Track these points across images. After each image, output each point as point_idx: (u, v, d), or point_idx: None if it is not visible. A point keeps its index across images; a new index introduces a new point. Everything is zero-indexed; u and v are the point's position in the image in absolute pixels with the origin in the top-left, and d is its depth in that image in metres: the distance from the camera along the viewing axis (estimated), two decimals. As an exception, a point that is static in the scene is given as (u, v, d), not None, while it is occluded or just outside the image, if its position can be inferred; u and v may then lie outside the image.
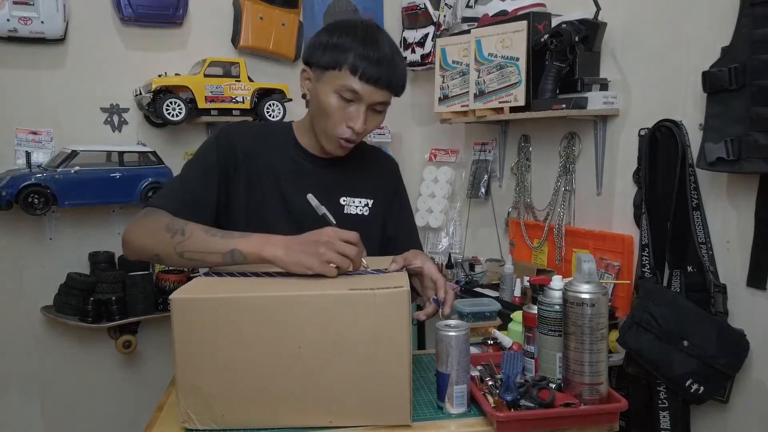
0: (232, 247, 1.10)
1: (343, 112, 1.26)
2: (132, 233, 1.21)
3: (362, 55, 1.22)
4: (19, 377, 2.40)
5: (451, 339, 1.03)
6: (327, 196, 1.31)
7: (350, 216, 1.38)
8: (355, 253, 1.07)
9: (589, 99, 1.95)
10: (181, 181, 1.31)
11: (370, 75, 1.22)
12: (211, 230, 1.15)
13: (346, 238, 1.07)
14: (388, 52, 1.25)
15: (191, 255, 1.13)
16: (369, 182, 1.44)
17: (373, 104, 1.27)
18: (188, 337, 0.97)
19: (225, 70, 2.41)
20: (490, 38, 2.22)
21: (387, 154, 1.58)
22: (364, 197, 1.41)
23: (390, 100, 1.30)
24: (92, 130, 2.40)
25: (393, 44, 1.30)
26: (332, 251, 1.05)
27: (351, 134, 1.27)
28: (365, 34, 1.25)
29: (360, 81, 1.23)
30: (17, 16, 2.16)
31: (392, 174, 1.52)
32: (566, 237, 2.21)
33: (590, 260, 1.02)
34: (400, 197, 1.51)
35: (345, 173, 1.40)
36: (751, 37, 1.50)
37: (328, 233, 1.08)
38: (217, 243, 1.12)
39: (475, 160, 2.68)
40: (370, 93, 1.24)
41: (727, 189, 1.67)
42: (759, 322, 1.60)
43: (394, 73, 1.26)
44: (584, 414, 1.00)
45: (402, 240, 1.45)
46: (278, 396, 0.98)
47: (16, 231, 2.33)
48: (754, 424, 1.63)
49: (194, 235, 1.14)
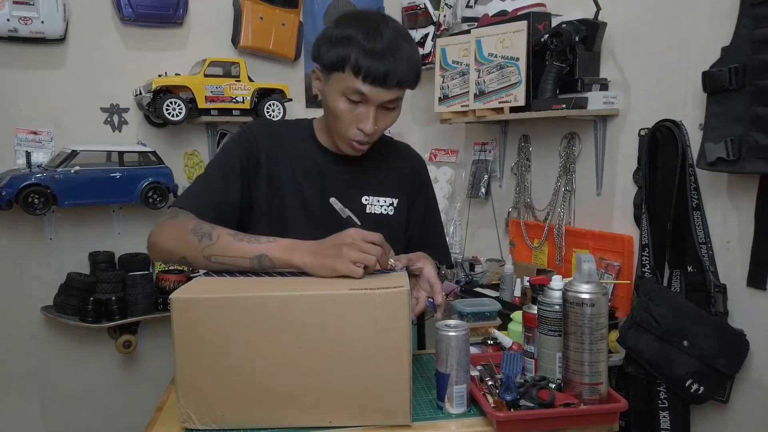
0: (260, 252, 1.10)
1: (353, 114, 1.22)
2: (158, 236, 1.20)
3: (365, 52, 1.15)
4: (19, 377, 2.40)
5: (451, 339, 1.03)
6: (348, 196, 1.31)
7: (374, 216, 1.35)
8: (380, 252, 1.06)
9: (589, 99, 1.95)
10: (205, 181, 1.30)
11: (376, 75, 1.16)
12: (238, 234, 1.15)
13: (369, 239, 1.07)
14: (392, 44, 1.17)
15: (219, 259, 1.13)
16: (394, 181, 1.40)
17: (384, 103, 1.21)
18: (188, 337, 0.97)
19: (225, 70, 2.41)
20: (490, 38, 2.23)
21: (414, 152, 1.52)
22: (389, 196, 1.37)
23: (402, 95, 1.24)
24: (92, 130, 2.41)
25: (400, 32, 1.21)
26: (356, 251, 1.05)
27: (363, 136, 1.23)
28: (367, 28, 1.18)
29: (365, 83, 1.17)
30: (17, 16, 2.16)
31: (419, 173, 1.47)
32: (566, 237, 2.21)
33: (590, 260, 1.02)
34: (425, 196, 1.46)
35: (368, 172, 1.37)
36: (751, 37, 1.50)
37: (351, 234, 1.07)
38: (245, 247, 1.12)
39: (475, 160, 2.68)
40: (377, 94, 1.19)
41: (727, 189, 1.67)
42: (759, 322, 1.60)
43: (401, 67, 1.18)
44: (584, 414, 1.00)
45: (424, 241, 1.41)
46: (278, 396, 0.98)
47: (16, 231, 2.33)
48: (754, 424, 1.63)
49: (221, 239, 1.13)
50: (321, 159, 1.35)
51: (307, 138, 1.37)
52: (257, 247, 1.11)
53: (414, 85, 1.24)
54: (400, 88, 1.21)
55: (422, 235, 1.44)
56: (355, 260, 1.05)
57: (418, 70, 1.24)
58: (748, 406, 1.64)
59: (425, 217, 1.45)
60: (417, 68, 1.24)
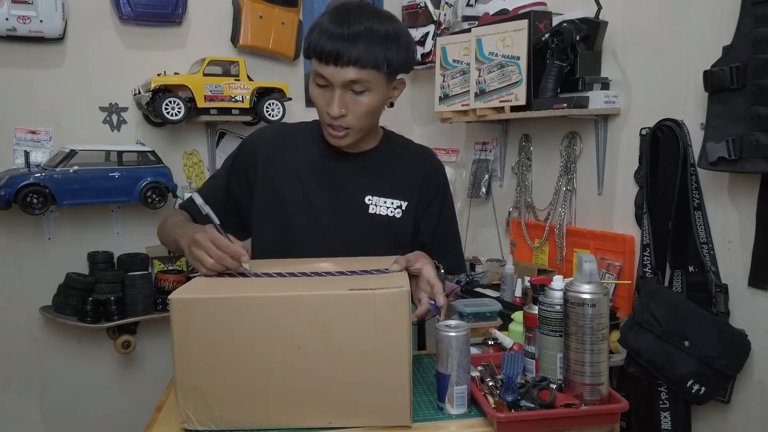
0: (174, 238, 1.25)
1: (323, 99, 1.23)
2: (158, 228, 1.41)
3: (323, 34, 1.17)
4: (18, 377, 2.39)
5: (451, 339, 1.02)
6: (350, 194, 1.31)
7: (377, 216, 1.33)
8: (219, 256, 1.08)
9: (590, 98, 1.95)
10: (212, 178, 1.48)
11: (329, 53, 1.16)
12: (183, 224, 1.30)
13: (216, 242, 1.09)
14: (353, 24, 1.16)
15: (160, 239, 1.38)
16: (404, 183, 1.36)
17: (346, 84, 1.19)
18: (187, 337, 0.97)
19: (224, 69, 2.41)
20: (490, 37, 2.22)
21: (434, 157, 1.47)
22: (397, 198, 1.34)
23: (372, 79, 1.19)
24: (91, 130, 2.40)
25: (374, 14, 1.20)
26: (197, 249, 1.10)
27: (330, 120, 1.23)
28: (336, 13, 1.19)
29: (320, 63, 1.18)
30: (16, 15, 2.16)
31: (435, 179, 1.42)
32: (567, 237, 2.20)
33: (591, 260, 1.02)
34: (440, 204, 1.41)
35: (375, 172, 1.35)
36: (753, 36, 1.49)
37: (201, 234, 1.11)
38: (170, 232, 1.29)
39: (475, 160, 2.68)
40: (333, 73, 1.18)
41: (728, 189, 1.67)
42: (760, 322, 1.60)
43: (358, 46, 1.15)
44: (585, 415, 1.00)
45: (437, 249, 1.36)
46: (278, 396, 0.98)
47: (14, 231, 2.33)
48: (755, 424, 1.62)
49: (166, 225, 1.34)
50: (324, 155, 1.35)
51: (316, 136, 1.37)
52: (176, 233, 1.24)
53: (383, 67, 1.20)
54: (360, 68, 1.18)
55: (434, 242, 1.40)
56: (195, 258, 1.11)
57: (388, 51, 1.19)
58: (750, 406, 1.63)
59: (438, 224, 1.41)
60: (382, 52, 1.18)
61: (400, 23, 1.26)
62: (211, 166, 2.60)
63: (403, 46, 1.23)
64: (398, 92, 1.31)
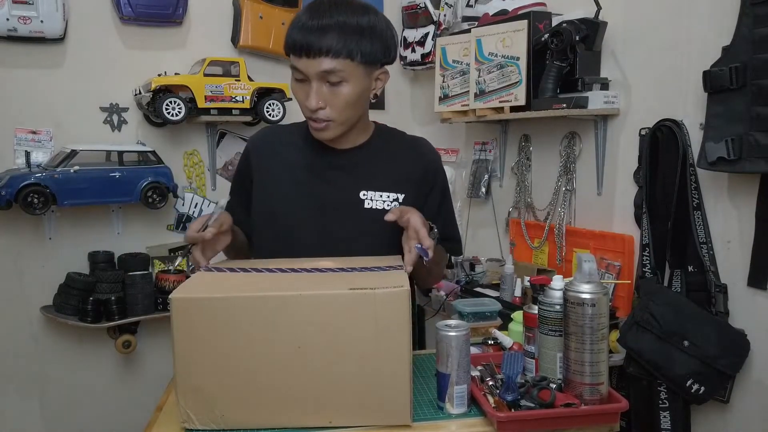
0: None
1: (302, 92, 1.23)
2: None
3: (296, 28, 1.18)
4: (18, 377, 2.39)
5: (451, 339, 1.03)
6: (344, 190, 1.30)
7: (373, 211, 1.32)
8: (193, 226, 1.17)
9: (589, 98, 1.95)
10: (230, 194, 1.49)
11: (301, 46, 1.17)
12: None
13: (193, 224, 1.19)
14: (325, 15, 1.16)
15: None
16: (400, 176, 1.35)
17: (321, 76, 1.18)
18: (188, 336, 0.97)
19: (225, 69, 2.41)
20: (490, 37, 2.22)
21: (429, 146, 1.46)
22: (392, 191, 1.33)
23: (346, 69, 1.18)
24: (92, 130, 2.40)
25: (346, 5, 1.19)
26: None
27: (309, 113, 1.23)
28: (311, 8, 1.20)
29: (294, 56, 1.20)
30: (17, 15, 2.16)
31: (431, 167, 1.41)
32: (567, 237, 2.20)
33: (591, 260, 1.02)
34: (440, 192, 1.41)
35: (369, 166, 1.35)
36: (752, 36, 1.50)
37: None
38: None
39: (475, 160, 2.68)
40: (306, 65, 1.18)
41: (727, 189, 1.67)
42: (760, 322, 1.60)
43: (328, 36, 1.15)
44: (585, 414, 1.00)
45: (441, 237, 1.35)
46: (278, 396, 0.98)
47: (15, 231, 2.33)
48: (754, 424, 1.63)
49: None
50: (316, 153, 1.35)
51: (307, 134, 1.36)
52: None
53: (356, 56, 1.18)
54: (333, 58, 1.17)
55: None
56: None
57: (361, 40, 1.18)
58: (749, 406, 1.64)
59: (439, 212, 1.41)
60: (359, 37, 1.18)
61: (378, 15, 1.25)
62: (211, 166, 2.61)
63: (379, 35, 1.22)
64: (381, 83, 1.29)
